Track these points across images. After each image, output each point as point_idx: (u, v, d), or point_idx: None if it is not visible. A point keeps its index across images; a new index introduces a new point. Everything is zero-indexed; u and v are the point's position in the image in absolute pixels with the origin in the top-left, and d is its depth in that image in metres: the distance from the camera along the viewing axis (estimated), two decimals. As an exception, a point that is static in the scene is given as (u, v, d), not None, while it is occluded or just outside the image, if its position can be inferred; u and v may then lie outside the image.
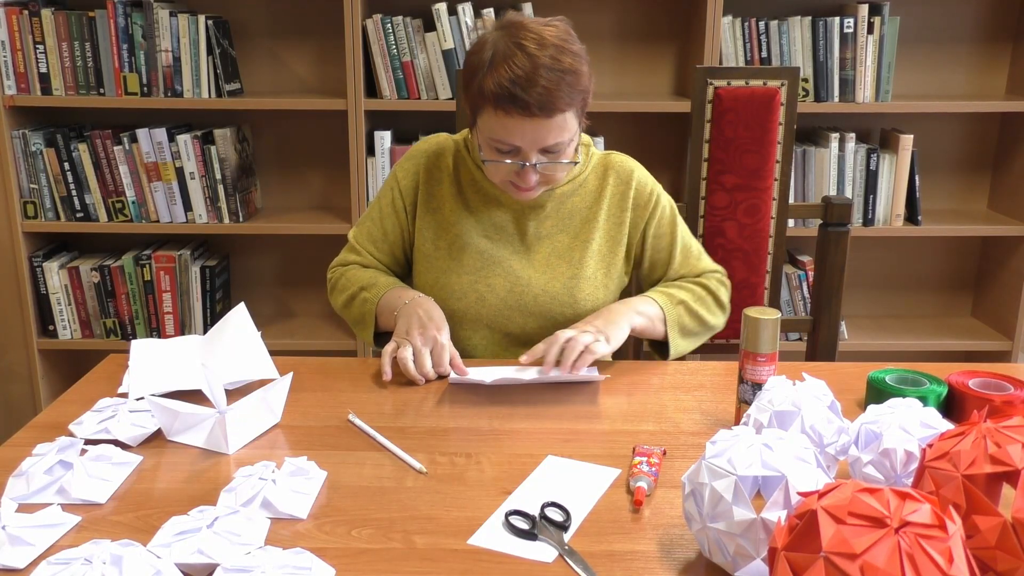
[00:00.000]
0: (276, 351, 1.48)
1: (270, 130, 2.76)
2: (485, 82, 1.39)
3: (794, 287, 2.70)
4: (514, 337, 1.59)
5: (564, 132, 1.42)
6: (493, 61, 1.39)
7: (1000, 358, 2.72)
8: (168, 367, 1.41)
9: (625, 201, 1.60)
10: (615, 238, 1.60)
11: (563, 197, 1.58)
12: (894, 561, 0.72)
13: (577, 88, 1.40)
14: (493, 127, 1.42)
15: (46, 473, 1.09)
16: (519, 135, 1.41)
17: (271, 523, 1.03)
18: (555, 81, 1.37)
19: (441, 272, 1.58)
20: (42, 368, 2.68)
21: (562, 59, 1.38)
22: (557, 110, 1.39)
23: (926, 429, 1.04)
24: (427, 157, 1.61)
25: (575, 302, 1.56)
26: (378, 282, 1.59)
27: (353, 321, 1.62)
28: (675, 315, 1.55)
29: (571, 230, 1.59)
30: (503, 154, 1.45)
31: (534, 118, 1.38)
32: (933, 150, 2.80)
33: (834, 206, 1.87)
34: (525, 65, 1.36)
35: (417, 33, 2.48)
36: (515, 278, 1.56)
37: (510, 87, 1.36)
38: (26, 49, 2.47)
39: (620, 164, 1.62)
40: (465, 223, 1.58)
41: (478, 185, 1.59)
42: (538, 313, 1.57)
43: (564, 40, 1.41)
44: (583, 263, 1.57)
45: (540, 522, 1.02)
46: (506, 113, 1.38)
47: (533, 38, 1.38)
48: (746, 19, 2.50)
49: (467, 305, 1.56)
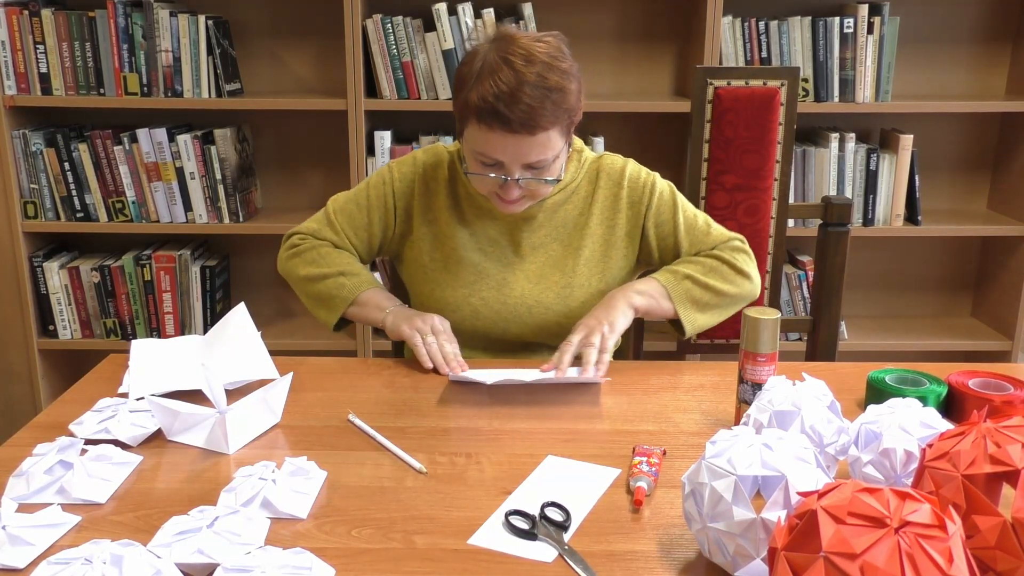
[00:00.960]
0: (276, 351, 1.48)
1: (270, 130, 2.76)
2: (471, 95, 1.39)
3: (794, 287, 2.70)
4: (509, 346, 1.60)
5: (547, 150, 1.41)
6: (480, 74, 1.38)
7: (1000, 358, 2.72)
8: (168, 367, 1.41)
9: (618, 202, 1.58)
10: (608, 242, 1.59)
11: (555, 206, 1.58)
12: (894, 561, 0.72)
13: (562, 107, 1.39)
14: (476, 140, 1.42)
15: (46, 473, 1.09)
16: (501, 150, 1.40)
17: (271, 523, 1.03)
18: (539, 99, 1.36)
19: (436, 285, 1.58)
20: (42, 368, 2.68)
21: (549, 77, 1.37)
22: (540, 128, 1.38)
23: (926, 429, 1.04)
24: (425, 168, 1.60)
25: (569, 311, 1.56)
26: (360, 274, 1.58)
27: (314, 297, 1.59)
28: (682, 289, 1.52)
29: (563, 239, 1.58)
30: (486, 167, 1.44)
31: (516, 135, 1.38)
32: (933, 150, 2.80)
33: (834, 206, 1.87)
34: (510, 81, 1.35)
35: (417, 33, 2.48)
36: (508, 290, 1.56)
37: (493, 102, 1.35)
38: (26, 49, 2.47)
39: (610, 165, 1.60)
40: (460, 236, 1.57)
41: (472, 197, 1.58)
42: (532, 324, 1.57)
43: (554, 57, 1.39)
44: (576, 271, 1.57)
45: (540, 522, 1.02)
46: (489, 128, 1.38)
47: (522, 54, 1.37)
48: (746, 19, 2.50)
49: (462, 318, 1.56)
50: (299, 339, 2.71)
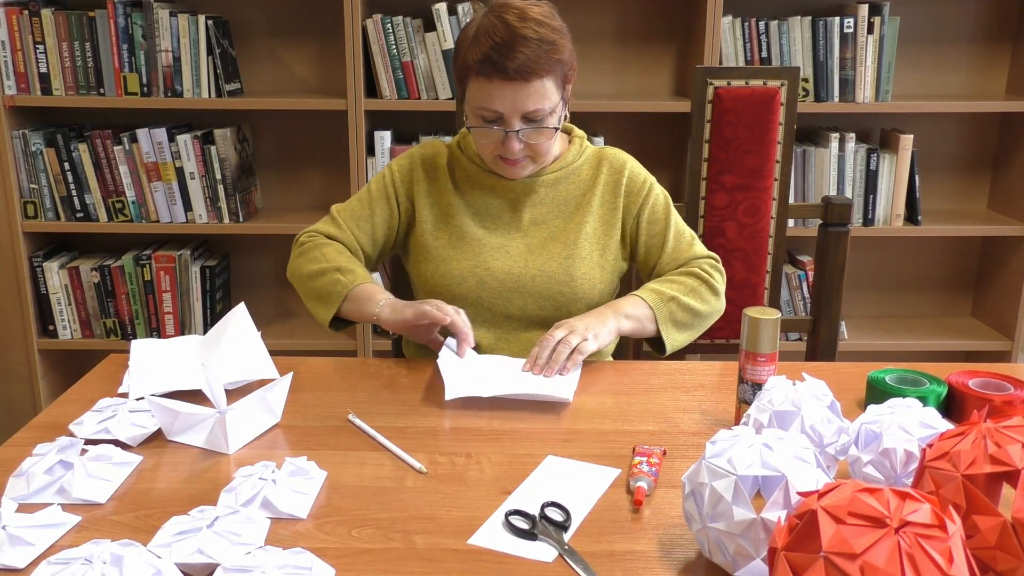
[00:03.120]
0: (276, 351, 1.48)
1: (270, 130, 2.76)
2: (469, 53, 1.49)
3: (794, 287, 2.70)
4: (515, 319, 1.61)
5: (544, 99, 1.49)
6: (476, 35, 1.48)
7: (1000, 358, 2.72)
8: (168, 367, 1.41)
9: (618, 188, 1.64)
10: (609, 222, 1.64)
11: (555, 182, 1.63)
12: (894, 561, 0.72)
13: (555, 57, 1.48)
14: (476, 94, 1.50)
15: (46, 473, 1.09)
16: (499, 100, 1.48)
17: (271, 523, 1.03)
18: (533, 48, 1.45)
19: (441, 261, 1.61)
20: (42, 368, 2.68)
21: (540, 30, 1.47)
22: (535, 75, 1.46)
23: (926, 429, 1.04)
24: (422, 158, 1.68)
25: (572, 280, 1.59)
26: (356, 271, 1.58)
27: (312, 294, 1.58)
28: (666, 312, 1.56)
29: (565, 215, 1.63)
30: (487, 122, 1.52)
31: (513, 82, 1.46)
32: (933, 150, 2.80)
33: (834, 206, 1.87)
34: (504, 34, 1.45)
35: (417, 33, 2.48)
36: (512, 261, 1.60)
37: (491, 52, 1.45)
38: (26, 49, 2.47)
39: (614, 156, 1.68)
40: (462, 214, 1.62)
41: (473, 180, 1.64)
42: (537, 293, 1.59)
43: (546, 16, 1.50)
44: (577, 244, 1.61)
45: (540, 522, 1.02)
46: (487, 79, 1.47)
47: (515, 12, 1.48)
48: (746, 19, 2.50)
49: (468, 289, 1.59)
50: (299, 339, 2.71)
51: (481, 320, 1.60)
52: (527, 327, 1.61)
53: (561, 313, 1.58)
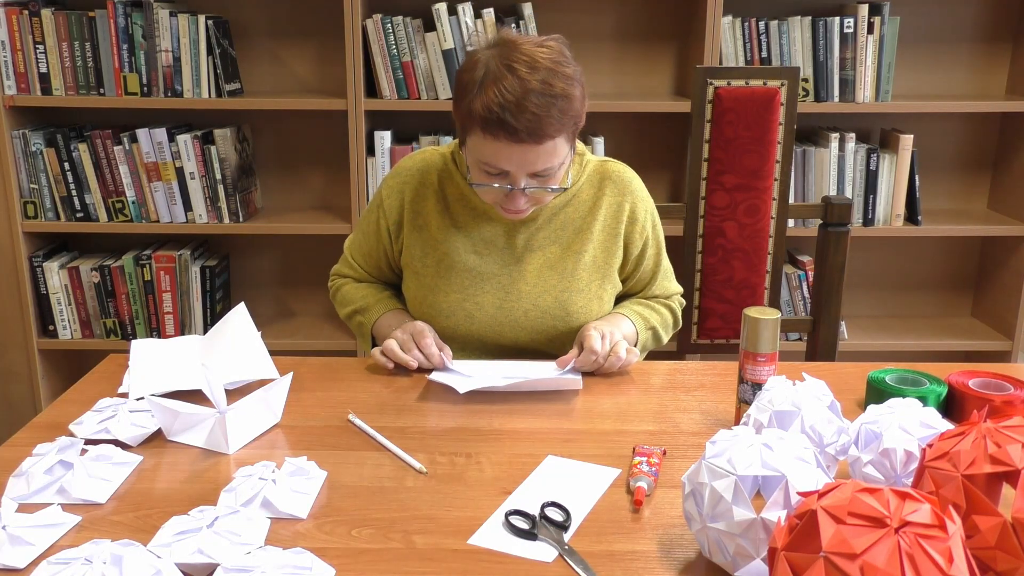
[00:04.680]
0: (276, 351, 1.48)
1: (270, 130, 2.76)
2: (474, 104, 1.36)
3: (794, 287, 2.70)
4: (506, 349, 1.58)
5: (554, 157, 1.40)
6: (483, 83, 1.36)
7: (1000, 358, 2.72)
8: (168, 367, 1.41)
9: (621, 213, 1.58)
10: (610, 249, 1.58)
11: (555, 209, 1.56)
12: (894, 561, 0.72)
13: (568, 114, 1.38)
14: (482, 150, 1.40)
15: (46, 473, 1.09)
16: (507, 160, 1.38)
17: (271, 523, 1.03)
18: (545, 107, 1.34)
19: (429, 290, 1.56)
20: (42, 368, 2.67)
21: (554, 84, 1.35)
22: (547, 136, 1.36)
23: (926, 429, 1.04)
24: (412, 175, 1.58)
25: (567, 315, 1.54)
26: (369, 306, 1.63)
27: (356, 333, 1.69)
28: (644, 338, 1.61)
29: (563, 241, 1.56)
30: (492, 177, 1.42)
31: (522, 144, 1.35)
32: (933, 150, 2.80)
33: (834, 206, 1.87)
34: (515, 89, 1.33)
35: (417, 33, 2.48)
36: (504, 294, 1.54)
37: (499, 112, 1.33)
38: (26, 49, 2.47)
39: (618, 174, 1.59)
40: (453, 240, 1.55)
41: (466, 200, 1.56)
42: (528, 327, 1.55)
43: (557, 63, 1.37)
44: (575, 274, 1.55)
45: (540, 522, 1.02)
46: (494, 137, 1.36)
47: (525, 60, 1.35)
48: (746, 19, 2.50)
49: (456, 323, 1.55)
50: (299, 339, 2.71)
51: (471, 348, 1.58)
52: (517, 355, 1.57)
53: (555, 346, 1.56)
